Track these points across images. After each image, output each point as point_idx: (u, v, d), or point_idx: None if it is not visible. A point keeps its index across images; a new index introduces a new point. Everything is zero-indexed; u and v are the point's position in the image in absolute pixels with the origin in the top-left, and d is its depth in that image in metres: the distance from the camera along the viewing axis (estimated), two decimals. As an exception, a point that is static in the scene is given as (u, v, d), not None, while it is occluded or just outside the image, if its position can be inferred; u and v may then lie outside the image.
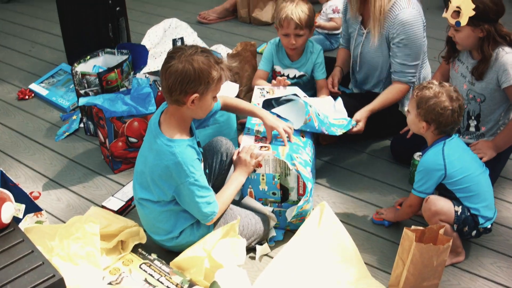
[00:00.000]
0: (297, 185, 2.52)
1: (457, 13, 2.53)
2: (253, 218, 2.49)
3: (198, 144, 2.39)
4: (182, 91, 2.17)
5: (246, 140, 2.61)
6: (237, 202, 2.61)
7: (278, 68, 3.34)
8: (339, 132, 2.85)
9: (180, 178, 2.23)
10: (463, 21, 2.52)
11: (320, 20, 4.39)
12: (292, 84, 3.11)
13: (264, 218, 2.52)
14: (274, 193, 2.55)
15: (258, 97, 2.93)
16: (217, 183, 2.64)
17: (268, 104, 2.91)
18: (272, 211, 2.57)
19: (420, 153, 2.81)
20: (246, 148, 2.51)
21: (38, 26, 5.10)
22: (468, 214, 2.35)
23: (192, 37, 4.12)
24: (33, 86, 3.96)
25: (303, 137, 2.71)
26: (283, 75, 3.32)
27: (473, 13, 2.48)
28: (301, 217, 2.56)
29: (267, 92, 2.95)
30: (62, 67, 4.07)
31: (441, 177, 2.35)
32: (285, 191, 2.54)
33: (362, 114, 2.97)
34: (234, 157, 2.54)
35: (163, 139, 2.24)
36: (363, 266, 2.39)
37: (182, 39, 3.38)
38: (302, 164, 2.48)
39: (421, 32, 2.94)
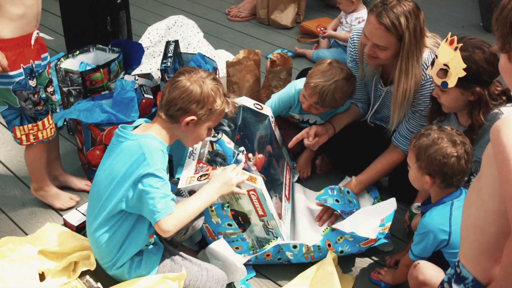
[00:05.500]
0: (253, 207, 2.21)
1: (444, 71, 2.12)
2: (206, 275, 2.16)
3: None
4: (182, 109, 2.06)
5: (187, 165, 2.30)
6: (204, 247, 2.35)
7: (295, 115, 2.96)
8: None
9: (141, 168, 1.97)
10: (451, 82, 2.11)
11: (342, 31, 4.02)
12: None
13: (223, 278, 2.19)
14: (229, 224, 2.26)
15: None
16: None
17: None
18: (249, 260, 2.30)
19: (419, 205, 2.46)
20: (233, 166, 2.19)
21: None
22: None
23: (197, 38, 3.86)
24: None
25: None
26: (302, 120, 2.97)
27: (463, 73, 2.07)
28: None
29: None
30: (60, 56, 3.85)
31: (443, 244, 2.02)
32: (243, 216, 2.24)
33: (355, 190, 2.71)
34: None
35: (129, 136, 2.05)
36: None
37: (176, 41, 3.12)
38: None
39: None
